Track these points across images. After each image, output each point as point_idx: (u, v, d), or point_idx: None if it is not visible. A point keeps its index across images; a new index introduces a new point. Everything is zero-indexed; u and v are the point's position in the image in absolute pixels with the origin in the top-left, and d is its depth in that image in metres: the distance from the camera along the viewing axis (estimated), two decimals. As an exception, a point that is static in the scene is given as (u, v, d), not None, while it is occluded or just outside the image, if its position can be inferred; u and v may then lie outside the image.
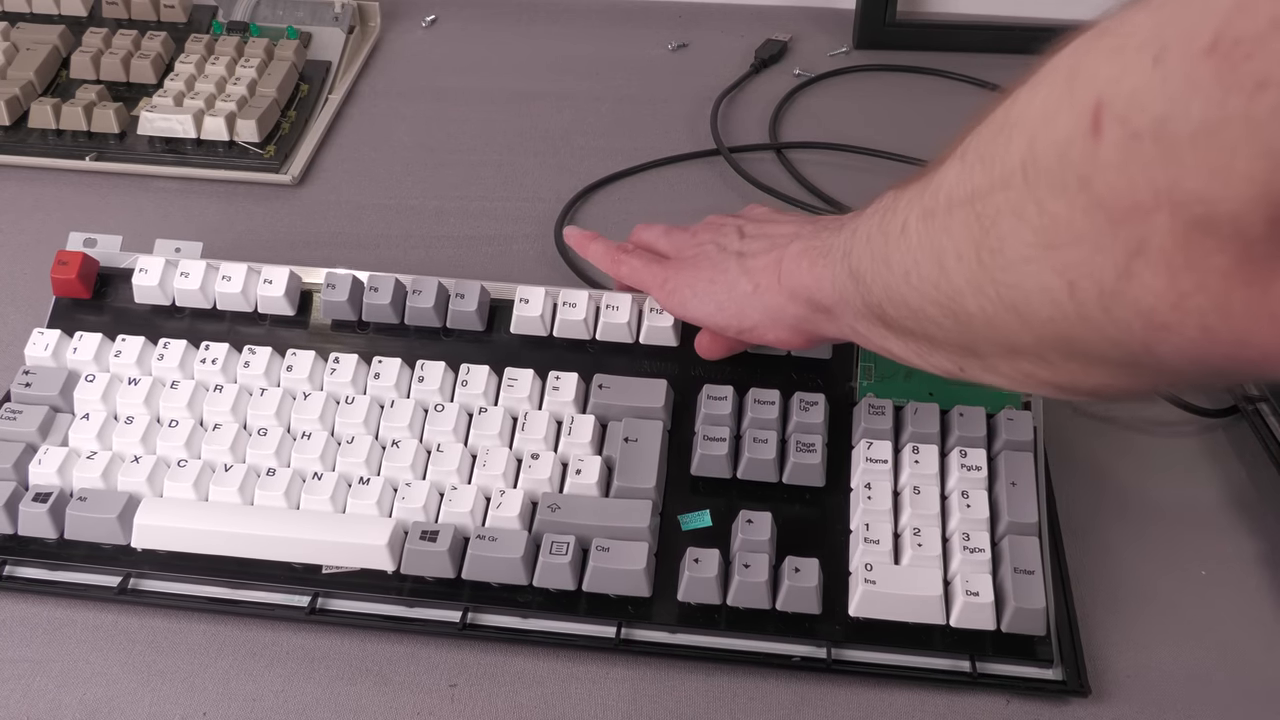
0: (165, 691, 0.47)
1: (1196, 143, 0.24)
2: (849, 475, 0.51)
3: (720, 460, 0.50)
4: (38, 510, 0.49)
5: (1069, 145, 0.27)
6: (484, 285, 0.56)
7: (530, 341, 0.55)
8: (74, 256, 0.57)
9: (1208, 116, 0.24)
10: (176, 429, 0.52)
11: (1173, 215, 0.25)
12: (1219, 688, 0.47)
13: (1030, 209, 0.29)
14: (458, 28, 0.87)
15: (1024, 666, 0.46)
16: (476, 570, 0.48)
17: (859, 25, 0.83)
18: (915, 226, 0.36)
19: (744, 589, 0.46)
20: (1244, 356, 0.27)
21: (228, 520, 0.49)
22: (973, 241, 0.32)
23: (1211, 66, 0.23)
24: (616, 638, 0.47)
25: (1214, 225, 0.25)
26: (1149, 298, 0.27)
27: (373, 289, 0.55)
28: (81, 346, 0.55)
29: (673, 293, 0.51)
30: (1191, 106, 0.24)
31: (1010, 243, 0.31)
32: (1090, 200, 0.27)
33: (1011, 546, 0.47)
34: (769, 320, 0.48)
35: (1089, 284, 0.29)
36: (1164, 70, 0.24)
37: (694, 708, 0.47)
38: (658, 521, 0.49)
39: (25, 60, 0.77)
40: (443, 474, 0.50)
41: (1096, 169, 0.27)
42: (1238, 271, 0.25)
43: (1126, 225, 0.27)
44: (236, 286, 0.56)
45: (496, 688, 0.48)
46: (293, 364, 0.54)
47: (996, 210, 0.31)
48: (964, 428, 0.50)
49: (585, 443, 0.51)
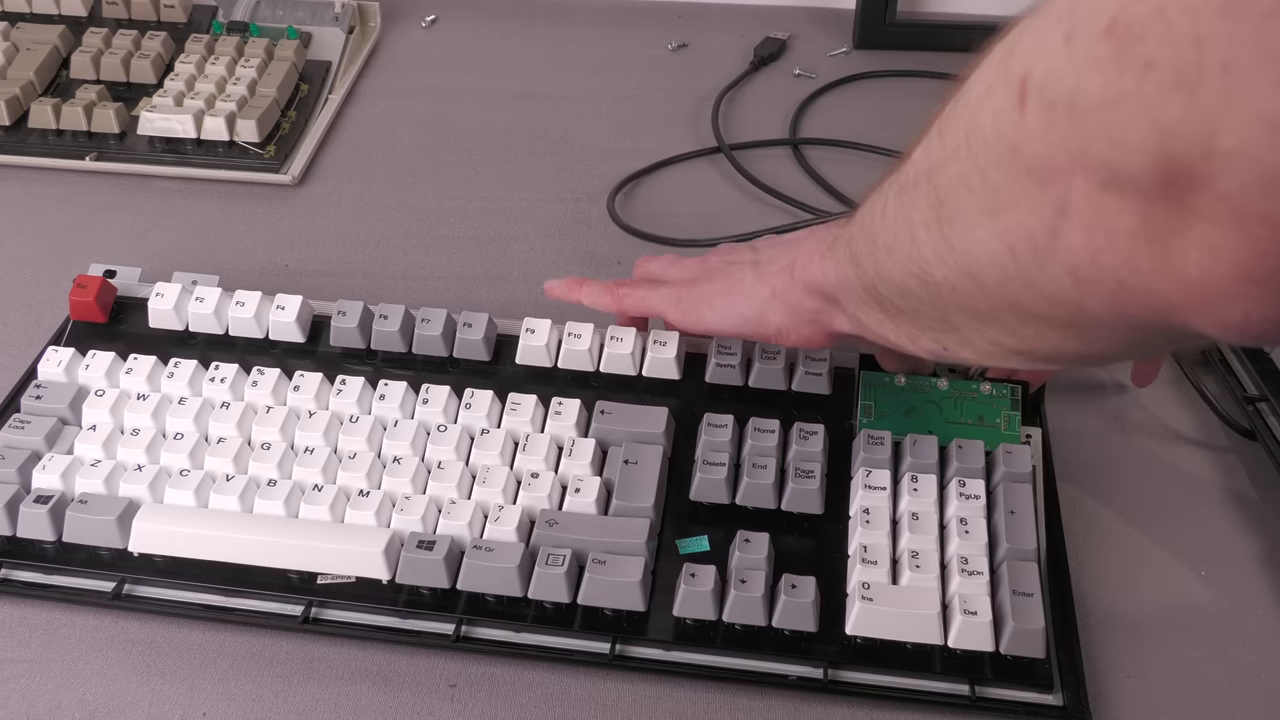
0: (165, 692, 0.48)
1: (1098, 114, 0.26)
2: (848, 504, 0.50)
3: (719, 485, 0.50)
4: (38, 511, 0.49)
5: (1003, 116, 0.30)
6: (491, 317, 0.56)
7: (535, 373, 0.56)
8: (93, 281, 0.58)
9: (1106, 92, 0.26)
10: (181, 441, 0.52)
11: (1086, 178, 0.28)
12: (1219, 689, 0.47)
13: (974, 178, 0.32)
14: (458, 28, 0.87)
15: (1024, 691, 0.46)
16: (472, 580, 0.47)
17: (859, 25, 0.83)
18: (893, 202, 0.38)
19: (740, 604, 0.46)
20: (1155, 308, 0.29)
21: (225, 526, 0.49)
22: (934, 212, 0.35)
23: (1109, 46, 0.25)
24: (611, 654, 0.47)
25: (1117, 187, 0.27)
26: (1072, 255, 0.29)
27: (382, 316, 0.56)
28: (94, 364, 0.55)
29: (689, 310, 0.52)
30: (1093, 82, 0.26)
31: (962, 211, 0.33)
32: (1021, 166, 0.30)
33: (1010, 571, 0.46)
34: (790, 320, 0.49)
35: (1026, 245, 0.31)
36: (1072, 48, 0.27)
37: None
38: (655, 543, 0.49)
39: (25, 60, 0.77)
40: (442, 489, 0.50)
41: (1024, 137, 0.29)
42: (1141, 230, 0.27)
43: (1051, 187, 0.29)
44: (249, 312, 0.56)
45: (496, 688, 0.48)
46: (300, 384, 0.54)
47: (949, 181, 0.33)
48: (963, 459, 0.50)
49: (585, 464, 0.51)
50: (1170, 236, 0.27)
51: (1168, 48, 0.24)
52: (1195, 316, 0.28)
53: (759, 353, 0.54)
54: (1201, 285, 0.27)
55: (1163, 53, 0.24)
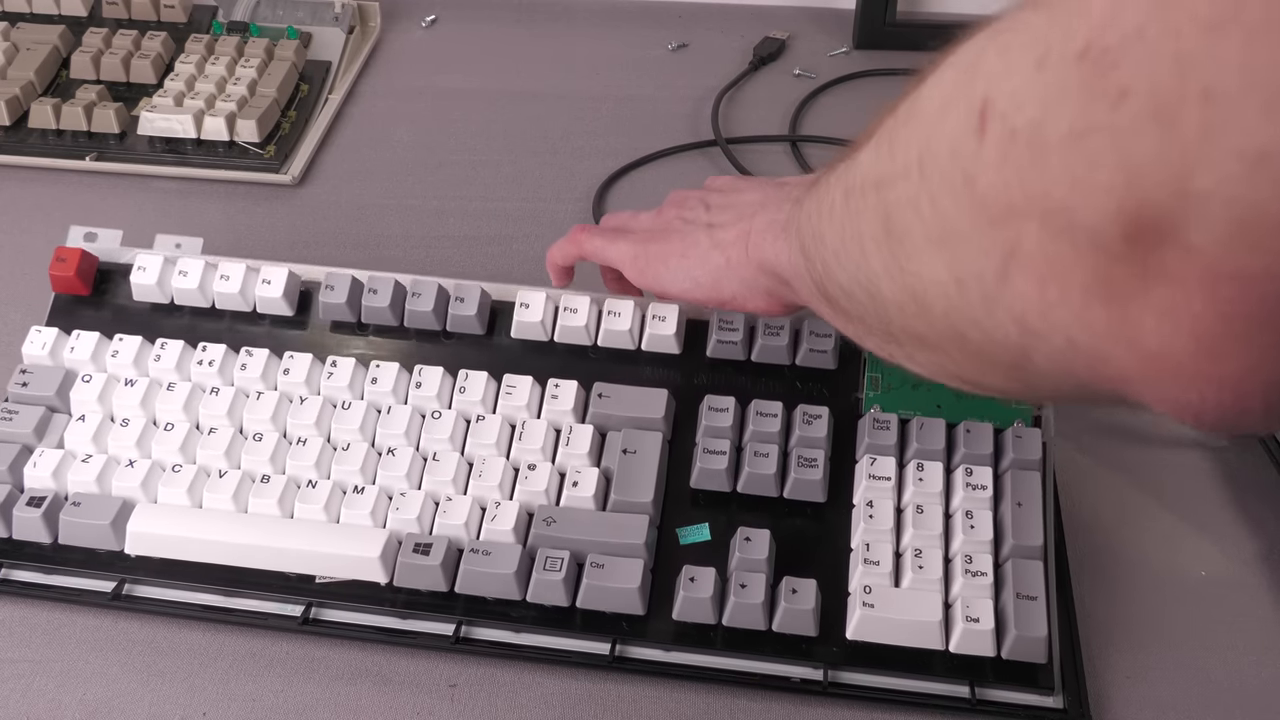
0: (165, 692, 0.48)
1: (1064, 149, 0.24)
2: (851, 491, 0.50)
3: (720, 475, 0.50)
4: (31, 515, 0.49)
5: (959, 141, 0.27)
6: (484, 288, 0.55)
7: (531, 346, 0.55)
8: (72, 253, 0.56)
9: (1074, 123, 0.23)
10: (172, 433, 0.51)
11: (1041, 223, 0.25)
12: (1220, 690, 0.47)
13: (924, 203, 0.29)
14: (458, 28, 0.87)
15: (1024, 693, 0.45)
16: (469, 585, 0.47)
17: (859, 25, 0.83)
18: (840, 204, 0.36)
19: (740, 610, 0.46)
20: (1105, 374, 0.27)
21: (220, 529, 0.49)
22: (883, 228, 0.32)
23: (1081, 73, 0.23)
24: (611, 654, 0.47)
25: (1075, 237, 0.24)
26: (1020, 303, 0.27)
27: (372, 290, 0.55)
28: (79, 346, 0.54)
29: (645, 269, 0.50)
30: (1061, 112, 0.24)
31: (910, 234, 0.31)
32: (973, 199, 0.27)
33: (1015, 570, 0.46)
34: (746, 290, 0.48)
35: (974, 283, 0.28)
36: (1044, 74, 0.24)
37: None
38: (655, 535, 0.49)
39: (25, 60, 0.77)
40: (438, 484, 0.50)
41: (980, 167, 0.26)
42: (1097, 288, 0.25)
43: (1003, 227, 0.26)
44: (235, 286, 0.55)
45: (496, 688, 0.48)
46: (290, 367, 0.53)
47: (898, 200, 0.31)
48: (970, 445, 0.49)
49: (583, 454, 0.50)
50: (1129, 298, 0.24)
51: (1145, 73, 0.22)
52: (1148, 391, 0.26)
53: (762, 327, 0.53)
54: (1158, 358, 0.25)
55: (1139, 79, 0.22)
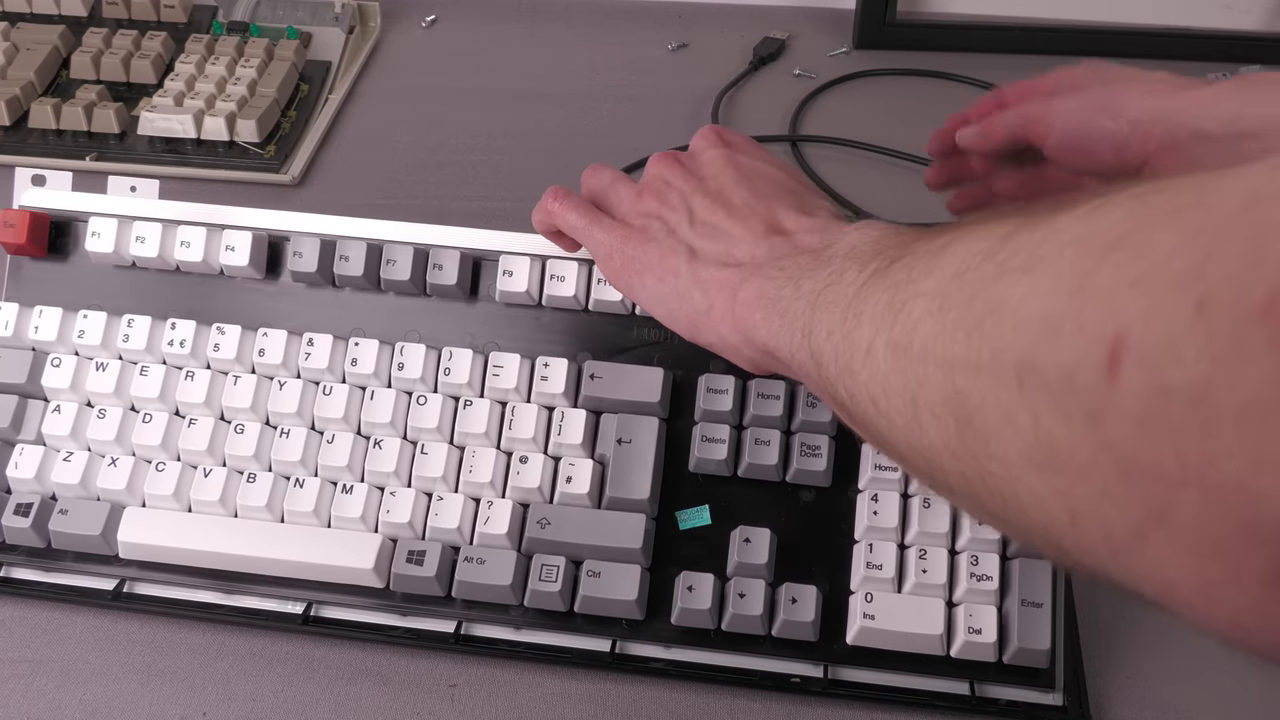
0: (165, 691, 0.48)
1: (1244, 422, 0.19)
2: (857, 475, 0.48)
3: (720, 462, 0.48)
4: (21, 524, 0.49)
5: (1079, 373, 0.22)
6: (463, 252, 0.51)
7: (518, 308, 0.52)
8: (20, 216, 0.52)
9: (1261, 395, 0.19)
10: (151, 424, 0.50)
11: (1204, 497, 0.20)
12: (1220, 690, 0.47)
13: (1024, 418, 0.24)
14: (458, 28, 0.87)
15: (1025, 691, 0.45)
16: (466, 592, 0.47)
17: (859, 25, 0.83)
18: (883, 354, 0.30)
19: (739, 620, 0.46)
20: (1223, 630, 0.23)
21: (211, 539, 0.49)
22: (952, 414, 0.27)
23: (1268, 333, 0.19)
24: (611, 654, 0.47)
25: (1256, 523, 0.20)
26: (1168, 571, 0.23)
27: (343, 257, 0.51)
28: (43, 324, 0.52)
29: (619, 272, 0.45)
30: (1242, 377, 0.19)
31: (1000, 439, 0.25)
32: (1100, 442, 0.22)
33: (1022, 573, 0.45)
34: (727, 349, 0.42)
35: (1094, 525, 0.24)
36: (1209, 324, 0.20)
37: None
38: (653, 526, 0.48)
39: (25, 60, 0.77)
40: (428, 481, 0.49)
41: (1111, 413, 0.22)
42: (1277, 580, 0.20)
43: (1144, 487, 0.22)
44: (197, 254, 0.52)
45: (496, 688, 0.48)
46: (265, 347, 0.51)
47: (982, 397, 0.26)
48: None
49: (576, 444, 0.49)
50: None
51: None
52: (1255, 646, 0.23)
53: None
54: None
55: None
